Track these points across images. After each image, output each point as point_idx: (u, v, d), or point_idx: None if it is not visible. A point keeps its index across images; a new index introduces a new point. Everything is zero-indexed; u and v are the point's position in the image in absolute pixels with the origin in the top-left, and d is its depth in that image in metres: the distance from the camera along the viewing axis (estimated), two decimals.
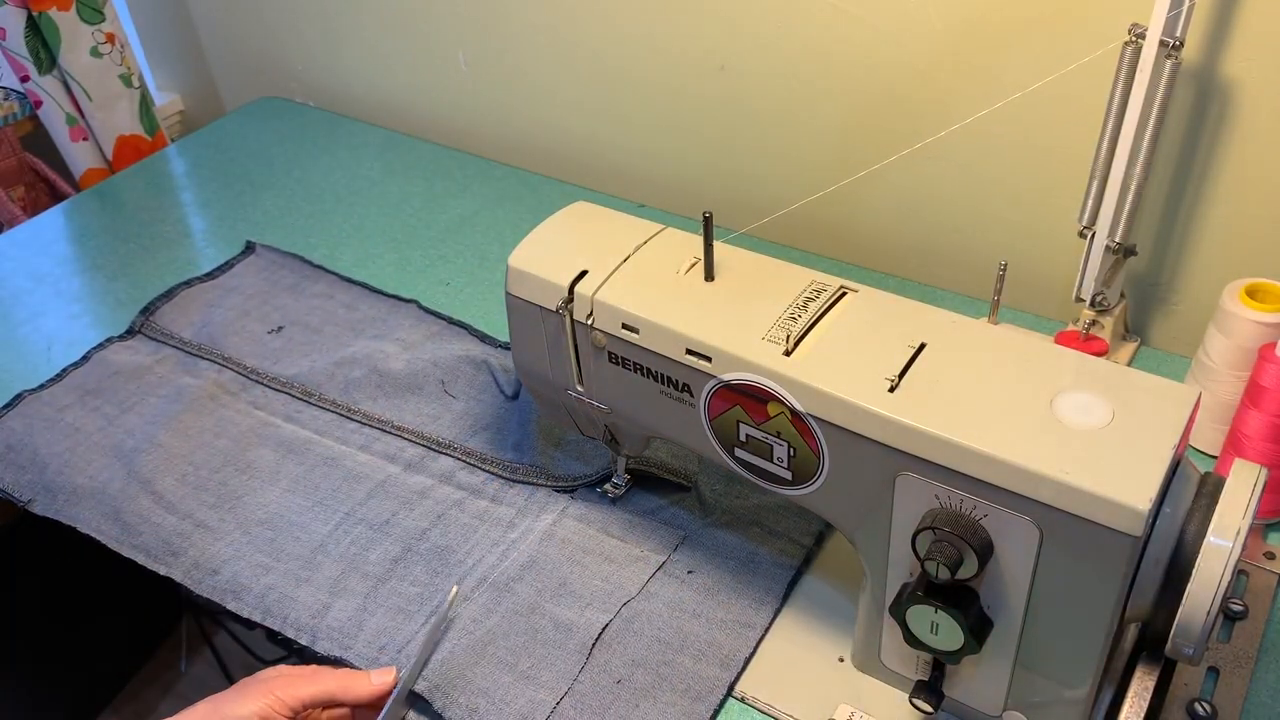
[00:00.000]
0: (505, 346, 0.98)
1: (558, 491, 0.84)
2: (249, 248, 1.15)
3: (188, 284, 1.09)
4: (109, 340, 1.02)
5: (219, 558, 0.80)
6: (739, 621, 0.74)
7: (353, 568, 0.79)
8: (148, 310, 1.05)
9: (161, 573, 0.81)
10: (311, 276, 1.10)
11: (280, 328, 1.02)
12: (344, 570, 0.78)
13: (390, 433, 0.90)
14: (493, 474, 0.85)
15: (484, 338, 1.00)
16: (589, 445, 0.86)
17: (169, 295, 1.07)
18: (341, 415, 0.92)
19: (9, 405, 0.94)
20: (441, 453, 0.87)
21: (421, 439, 0.89)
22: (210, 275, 1.11)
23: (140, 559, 0.82)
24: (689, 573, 0.77)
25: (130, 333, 1.03)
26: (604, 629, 0.73)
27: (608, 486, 0.84)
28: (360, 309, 1.05)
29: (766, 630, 0.73)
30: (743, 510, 0.81)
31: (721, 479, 0.84)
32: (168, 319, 1.05)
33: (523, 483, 0.84)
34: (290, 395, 0.94)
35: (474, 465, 0.86)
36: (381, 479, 0.85)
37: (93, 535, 0.84)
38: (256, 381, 0.96)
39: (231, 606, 0.78)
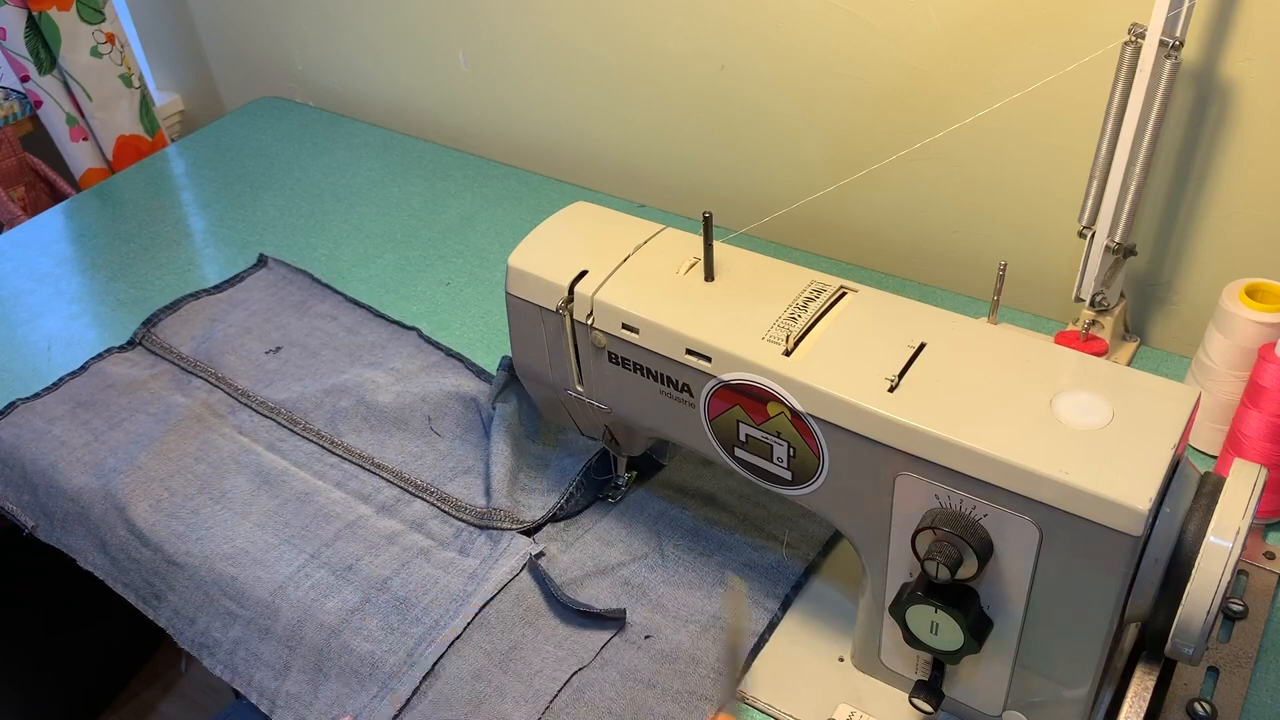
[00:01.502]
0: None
1: (522, 534, 0.80)
2: (261, 261, 1.13)
3: (195, 296, 1.07)
4: (109, 351, 1.01)
5: (193, 604, 0.79)
6: (694, 693, 0.70)
7: (309, 616, 0.76)
8: (150, 322, 1.04)
9: (150, 617, 0.81)
10: (318, 295, 1.08)
11: (278, 348, 1.01)
12: (300, 618, 0.76)
13: (369, 470, 0.87)
14: (465, 522, 0.82)
15: (479, 372, 0.97)
16: (558, 461, 0.86)
17: (174, 307, 1.06)
18: (323, 448, 0.90)
19: (2, 413, 0.94)
20: (416, 496, 0.85)
21: (399, 479, 0.86)
22: (218, 288, 1.09)
23: (131, 599, 0.82)
24: (646, 638, 0.73)
25: (131, 344, 1.02)
26: (553, 699, 0.70)
27: (608, 491, 0.84)
28: (361, 333, 1.03)
29: (723, 705, 0.70)
30: (707, 569, 0.79)
31: (686, 534, 0.81)
32: (169, 332, 1.03)
33: (492, 528, 0.82)
34: (276, 422, 0.92)
35: (447, 513, 0.83)
36: (352, 519, 0.83)
37: (91, 570, 0.84)
38: (245, 405, 0.94)
39: (206, 663, 0.78)
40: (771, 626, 0.74)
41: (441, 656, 0.72)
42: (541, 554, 0.79)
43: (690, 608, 0.76)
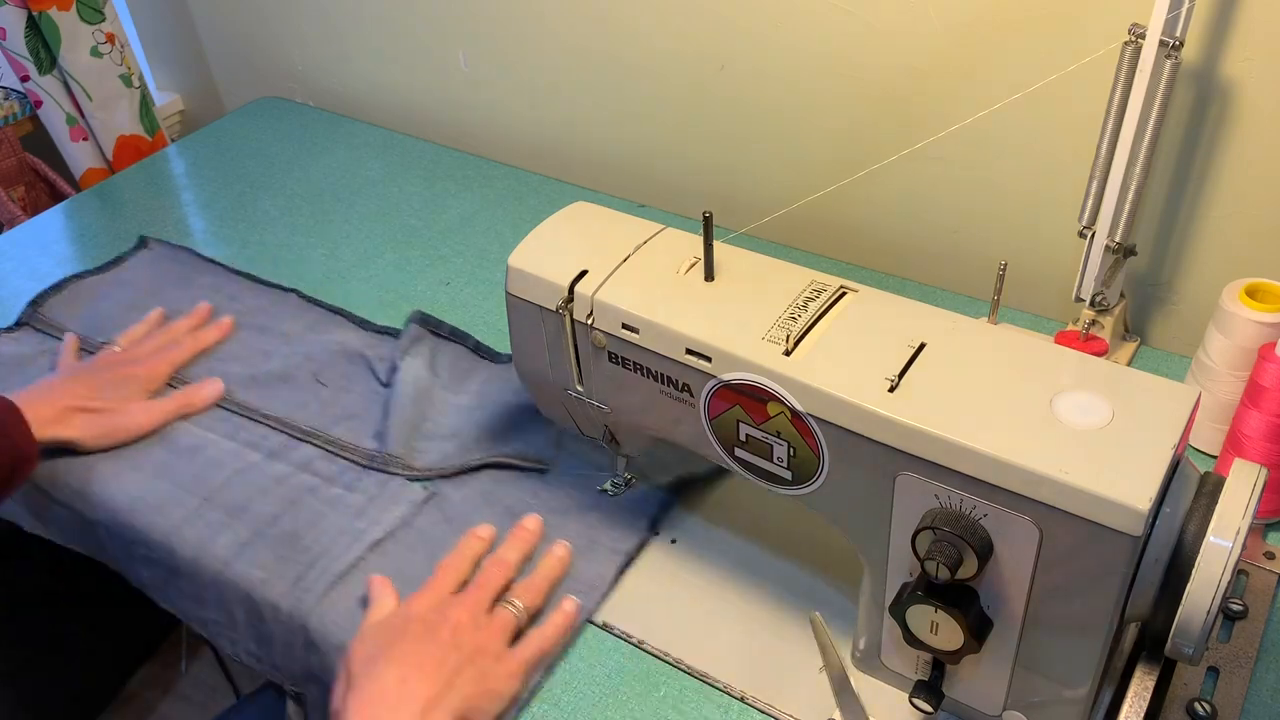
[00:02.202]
0: (381, 331, 1.02)
1: (412, 481, 0.85)
2: (141, 242, 1.16)
3: (78, 277, 1.10)
4: None
5: (120, 550, 0.85)
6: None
7: (204, 551, 0.80)
8: (36, 302, 1.07)
9: (103, 561, 0.87)
10: (200, 269, 1.11)
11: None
12: (197, 554, 0.80)
13: (257, 420, 0.91)
14: (350, 461, 0.86)
15: (363, 324, 1.02)
16: (482, 420, 0.90)
17: (58, 288, 1.09)
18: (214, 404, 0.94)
19: None
20: (303, 440, 0.89)
21: (286, 427, 0.90)
22: (101, 269, 1.12)
23: (80, 549, 0.89)
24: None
25: (18, 325, 1.04)
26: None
27: (607, 486, 0.84)
28: (244, 300, 1.06)
29: (592, 612, 0.75)
30: (588, 499, 0.83)
31: (577, 460, 0.85)
32: (55, 311, 1.06)
33: (379, 471, 0.86)
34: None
35: (333, 453, 0.88)
36: (241, 466, 0.87)
37: (38, 534, 0.89)
38: None
39: (157, 600, 0.85)
40: (642, 547, 0.80)
41: (331, 588, 0.76)
42: (434, 495, 0.84)
43: (571, 535, 0.80)
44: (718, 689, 0.71)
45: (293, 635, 0.75)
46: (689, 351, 0.64)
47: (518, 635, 0.72)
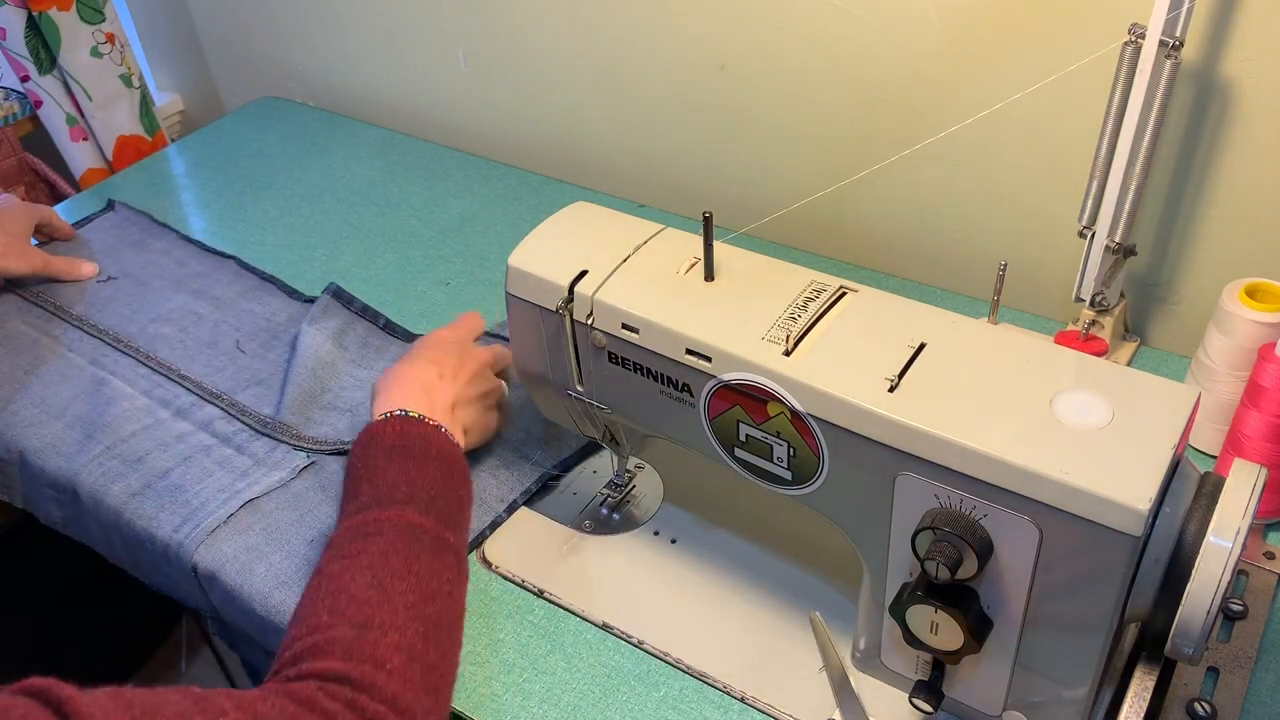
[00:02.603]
0: (309, 302, 1.06)
1: (297, 450, 0.89)
2: (109, 205, 1.23)
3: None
4: None
5: (32, 490, 0.92)
6: None
7: (100, 499, 0.86)
8: None
9: (16, 503, 0.94)
10: (156, 234, 1.19)
11: (111, 277, 1.11)
12: (95, 500, 0.86)
13: (174, 380, 0.97)
14: (246, 425, 0.92)
15: (292, 293, 1.08)
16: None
17: None
18: (139, 360, 0.99)
19: None
20: (209, 402, 0.95)
21: (198, 388, 0.96)
22: None
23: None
24: None
25: None
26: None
27: (607, 490, 0.84)
28: (189, 265, 1.13)
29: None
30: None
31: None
32: None
33: (269, 437, 0.90)
34: (102, 341, 1.02)
35: (233, 416, 0.93)
36: (150, 422, 0.92)
37: None
38: (77, 327, 1.04)
39: (79, 537, 0.91)
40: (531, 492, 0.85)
41: (205, 538, 0.81)
42: (313, 463, 0.88)
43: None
44: (718, 689, 0.71)
45: (183, 572, 0.82)
46: (689, 351, 0.64)
47: None
